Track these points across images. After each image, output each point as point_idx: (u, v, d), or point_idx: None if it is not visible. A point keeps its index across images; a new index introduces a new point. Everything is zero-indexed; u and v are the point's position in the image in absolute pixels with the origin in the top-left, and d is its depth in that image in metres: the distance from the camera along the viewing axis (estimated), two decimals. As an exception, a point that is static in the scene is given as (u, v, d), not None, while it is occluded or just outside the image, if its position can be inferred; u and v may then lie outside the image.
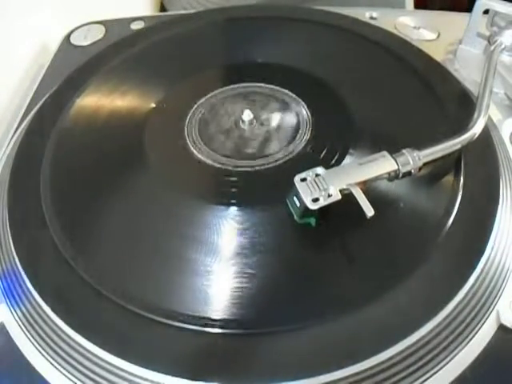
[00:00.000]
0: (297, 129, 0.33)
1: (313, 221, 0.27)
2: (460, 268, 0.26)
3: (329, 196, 0.26)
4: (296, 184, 0.27)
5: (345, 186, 0.26)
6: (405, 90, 0.36)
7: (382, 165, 0.27)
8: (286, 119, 0.34)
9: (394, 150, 0.28)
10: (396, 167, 0.27)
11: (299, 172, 0.27)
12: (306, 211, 0.26)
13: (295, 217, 0.27)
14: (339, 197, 0.26)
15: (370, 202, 0.26)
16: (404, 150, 0.28)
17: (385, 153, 0.28)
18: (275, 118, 0.34)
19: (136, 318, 0.25)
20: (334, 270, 0.27)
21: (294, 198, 0.27)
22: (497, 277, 0.26)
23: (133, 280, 0.27)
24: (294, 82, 0.37)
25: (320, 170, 0.27)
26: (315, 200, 0.26)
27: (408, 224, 0.28)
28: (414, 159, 0.28)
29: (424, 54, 0.38)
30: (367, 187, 0.27)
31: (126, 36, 0.43)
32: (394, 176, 0.28)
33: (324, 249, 0.27)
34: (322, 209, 0.26)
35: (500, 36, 0.36)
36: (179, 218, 0.29)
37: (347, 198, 0.26)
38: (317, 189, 0.26)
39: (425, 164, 0.28)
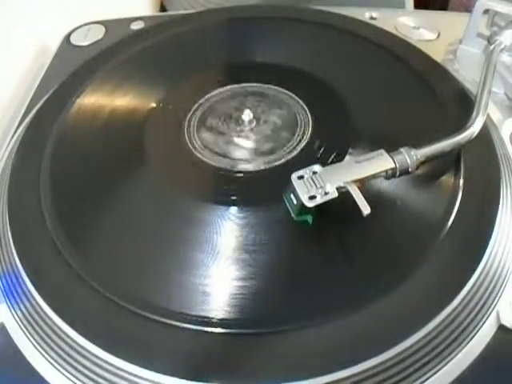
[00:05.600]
0: (296, 128, 0.33)
1: (310, 218, 0.27)
2: (460, 268, 0.26)
3: (326, 194, 0.26)
4: (293, 181, 0.27)
5: (342, 184, 0.26)
6: (404, 90, 0.36)
7: (380, 163, 0.27)
8: (285, 119, 0.34)
9: (393, 149, 0.28)
10: (393, 165, 0.27)
11: (298, 171, 0.27)
12: (302, 208, 0.26)
13: (292, 214, 0.27)
14: (336, 194, 0.26)
15: (370, 202, 0.26)
16: (402, 149, 0.28)
17: (382, 151, 0.28)
18: (275, 118, 0.34)
19: (136, 318, 0.25)
20: (333, 270, 0.27)
21: (291, 196, 0.27)
22: (497, 277, 0.26)
23: (133, 280, 0.27)
24: (294, 81, 0.37)
25: (317, 167, 0.27)
26: (312, 197, 0.26)
27: (408, 224, 0.28)
28: (411, 157, 0.28)
29: (424, 54, 0.38)
30: (367, 187, 0.27)
31: (126, 36, 0.43)
32: (391, 174, 0.28)
33: (324, 249, 0.27)
34: (320, 207, 0.26)
35: (500, 36, 0.36)
36: (179, 217, 0.29)
37: (347, 197, 0.26)
38: (314, 186, 0.26)
39: (423, 163, 0.28)
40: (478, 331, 0.25)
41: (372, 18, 0.44)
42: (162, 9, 0.68)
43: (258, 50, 0.40)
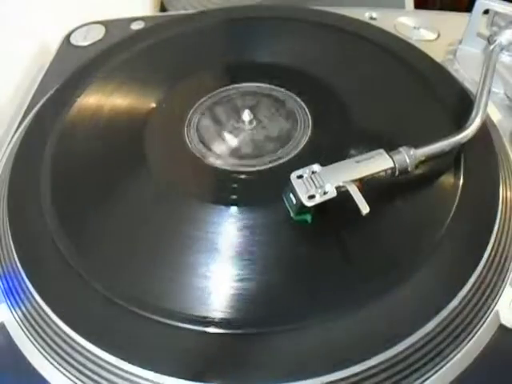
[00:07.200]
0: (296, 128, 0.34)
1: (308, 217, 0.27)
2: (460, 268, 0.26)
3: (325, 193, 0.26)
4: (292, 181, 0.27)
5: (341, 184, 0.26)
6: (404, 90, 0.36)
7: (379, 162, 0.28)
8: (285, 119, 0.34)
9: (392, 149, 0.28)
10: (392, 165, 0.27)
11: (298, 171, 0.27)
12: (301, 208, 0.26)
13: (291, 213, 0.27)
14: (335, 194, 0.26)
15: (370, 202, 0.26)
16: (401, 148, 0.28)
17: (381, 150, 0.28)
18: (275, 118, 0.34)
19: (136, 318, 0.25)
20: (333, 271, 0.27)
21: (291, 195, 0.27)
22: (497, 277, 0.26)
23: (133, 280, 0.27)
24: (294, 81, 0.37)
25: (316, 167, 0.27)
26: (311, 197, 0.26)
27: (408, 224, 0.28)
28: (410, 157, 0.28)
29: (424, 54, 0.38)
30: (367, 187, 0.27)
31: (126, 36, 0.43)
32: (390, 174, 0.28)
33: (324, 249, 0.27)
34: (319, 206, 0.26)
35: (500, 36, 0.36)
36: (179, 218, 0.29)
37: (346, 197, 0.26)
38: (313, 186, 0.26)
39: (422, 162, 0.28)
40: (478, 331, 0.25)
41: (372, 18, 0.44)
42: (162, 9, 0.68)
43: (258, 50, 0.40)
